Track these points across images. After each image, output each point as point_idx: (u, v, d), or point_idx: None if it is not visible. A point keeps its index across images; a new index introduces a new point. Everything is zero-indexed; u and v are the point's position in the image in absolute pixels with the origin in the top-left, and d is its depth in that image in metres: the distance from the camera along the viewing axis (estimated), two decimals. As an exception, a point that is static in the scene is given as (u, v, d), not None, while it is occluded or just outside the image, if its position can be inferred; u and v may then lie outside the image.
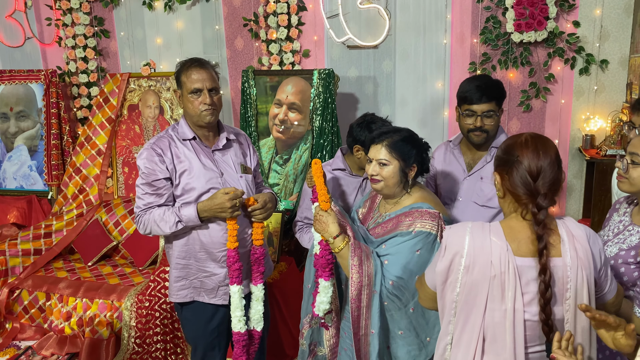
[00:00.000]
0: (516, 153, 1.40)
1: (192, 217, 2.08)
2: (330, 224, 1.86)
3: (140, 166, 2.12)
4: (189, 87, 2.10)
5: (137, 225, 2.17)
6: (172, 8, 4.10)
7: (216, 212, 2.06)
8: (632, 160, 1.68)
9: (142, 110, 3.93)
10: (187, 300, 2.25)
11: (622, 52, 3.27)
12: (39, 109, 4.21)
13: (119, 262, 3.66)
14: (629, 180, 1.69)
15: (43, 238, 3.74)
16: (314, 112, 3.44)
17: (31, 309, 3.37)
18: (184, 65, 2.14)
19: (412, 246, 1.77)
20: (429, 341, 1.86)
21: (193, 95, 2.10)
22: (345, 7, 3.66)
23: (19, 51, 4.58)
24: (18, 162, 4.31)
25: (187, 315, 2.29)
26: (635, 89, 3.06)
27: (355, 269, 1.76)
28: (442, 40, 3.58)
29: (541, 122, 3.49)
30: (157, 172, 2.10)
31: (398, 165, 1.85)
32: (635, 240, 1.68)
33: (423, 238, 1.77)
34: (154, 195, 2.12)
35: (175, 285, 2.24)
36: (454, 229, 1.46)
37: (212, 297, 2.24)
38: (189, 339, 2.35)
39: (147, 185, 2.11)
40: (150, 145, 2.14)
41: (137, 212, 2.15)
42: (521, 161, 1.39)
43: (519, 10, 3.27)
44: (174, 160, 2.13)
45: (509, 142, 1.46)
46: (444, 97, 3.65)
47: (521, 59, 3.40)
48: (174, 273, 2.23)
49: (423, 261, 1.78)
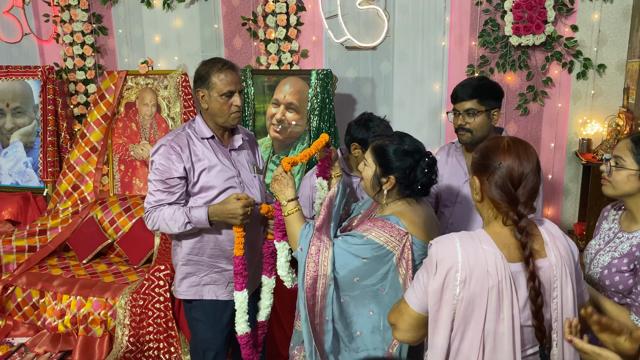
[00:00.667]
0: (498, 159, 1.36)
1: (202, 220, 2.06)
2: (289, 187, 1.86)
3: (155, 161, 2.10)
4: (220, 89, 2.09)
5: (145, 220, 2.16)
6: (170, 6, 4.09)
7: (227, 217, 2.05)
8: (615, 163, 1.67)
9: (139, 108, 3.92)
10: (196, 297, 2.23)
11: (619, 56, 3.28)
12: (36, 105, 4.20)
13: (113, 260, 3.65)
14: (612, 184, 1.69)
15: (38, 235, 3.73)
16: (312, 113, 3.44)
17: (24, 306, 3.35)
18: (214, 66, 2.11)
19: (358, 251, 1.70)
20: (359, 335, 1.81)
21: (224, 97, 2.10)
22: (344, 7, 3.66)
23: (16, 47, 4.56)
24: (14, 158, 4.29)
25: (196, 316, 2.26)
26: (632, 94, 3.06)
27: (312, 258, 1.72)
28: (440, 43, 3.58)
29: (538, 125, 3.50)
30: (173, 170, 2.08)
31: (374, 170, 1.78)
32: (627, 247, 1.67)
33: (373, 249, 1.69)
34: (165, 193, 2.10)
35: (184, 281, 2.22)
36: (441, 243, 1.38)
37: (222, 293, 2.23)
38: (198, 343, 2.28)
39: (160, 182, 2.09)
40: (169, 142, 2.10)
41: (147, 207, 2.13)
42: (502, 168, 1.35)
43: (518, 14, 3.28)
44: (192, 158, 2.12)
45: (488, 145, 1.41)
46: (441, 99, 3.65)
47: (519, 62, 3.41)
48: (183, 269, 2.21)
49: (366, 270, 1.71)
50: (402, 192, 1.78)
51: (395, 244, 1.69)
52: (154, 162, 2.11)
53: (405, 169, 1.74)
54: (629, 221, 1.72)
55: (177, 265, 2.25)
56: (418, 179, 1.75)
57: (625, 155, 1.65)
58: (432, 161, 1.79)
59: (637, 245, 1.64)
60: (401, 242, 1.69)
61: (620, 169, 1.66)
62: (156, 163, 2.09)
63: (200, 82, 2.13)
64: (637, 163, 1.63)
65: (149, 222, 2.14)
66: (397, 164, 1.74)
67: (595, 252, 1.78)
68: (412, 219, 1.73)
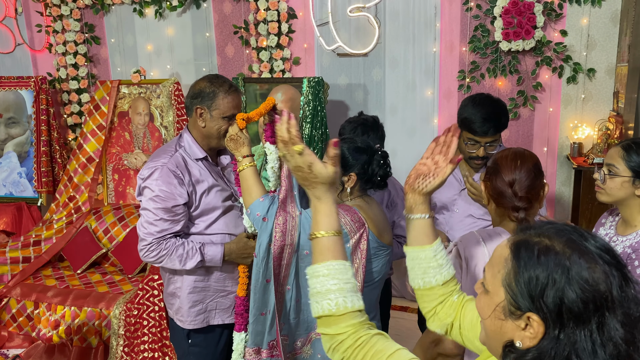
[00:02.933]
0: (498, 163, 1.52)
1: (215, 259, 2.00)
2: (244, 145, 1.89)
3: (153, 188, 1.93)
4: (224, 111, 1.96)
5: (146, 252, 1.98)
6: (162, 15, 4.10)
7: (240, 256, 2.02)
8: (609, 171, 1.71)
9: (132, 118, 3.93)
10: (204, 325, 2.12)
11: (608, 61, 3.30)
12: (29, 115, 4.20)
13: (108, 269, 3.65)
14: (606, 191, 1.73)
15: (32, 246, 3.73)
16: (304, 120, 3.45)
17: (19, 317, 3.35)
18: (221, 86, 1.98)
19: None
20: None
21: (225, 119, 1.97)
22: (335, 15, 3.68)
23: (9, 57, 4.57)
24: (7, 168, 4.29)
25: (197, 342, 2.15)
26: (621, 98, 3.08)
27: (280, 227, 1.75)
28: (431, 49, 3.60)
29: (529, 130, 3.52)
30: (177, 196, 1.94)
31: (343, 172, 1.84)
32: (620, 249, 1.71)
33: None
34: (169, 222, 1.96)
35: (191, 311, 2.09)
36: (466, 241, 1.46)
37: (228, 317, 2.14)
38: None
39: (164, 210, 1.94)
40: (165, 166, 1.95)
41: (149, 239, 1.95)
42: (500, 170, 1.51)
43: (507, 19, 3.30)
44: (192, 180, 2.00)
45: (496, 156, 1.57)
46: (433, 105, 3.67)
47: (509, 68, 3.43)
48: (190, 298, 2.08)
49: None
50: (362, 187, 1.86)
51: (354, 230, 1.75)
52: (149, 188, 1.94)
53: (362, 164, 1.83)
54: (624, 226, 1.77)
55: (175, 294, 2.11)
56: (376, 172, 1.84)
57: (618, 162, 1.69)
58: (385, 154, 1.89)
59: (629, 246, 1.69)
60: (359, 230, 1.76)
61: (614, 177, 1.70)
62: (155, 190, 1.93)
63: (202, 99, 1.98)
64: (630, 169, 1.67)
65: (150, 255, 1.97)
66: (354, 161, 1.82)
67: None
68: (369, 213, 1.81)
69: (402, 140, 3.76)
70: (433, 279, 1.24)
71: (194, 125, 2.04)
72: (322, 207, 1.13)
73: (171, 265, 1.99)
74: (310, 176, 1.12)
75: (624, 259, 1.68)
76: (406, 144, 3.75)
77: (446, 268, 1.25)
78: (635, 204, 1.70)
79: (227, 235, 2.09)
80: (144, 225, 1.97)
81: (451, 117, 3.62)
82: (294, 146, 1.12)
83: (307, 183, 1.14)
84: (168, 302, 2.18)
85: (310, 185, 1.13)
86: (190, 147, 2.04)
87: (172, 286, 2.12)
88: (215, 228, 2.07)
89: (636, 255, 1.66)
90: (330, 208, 1.13)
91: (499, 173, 1.50)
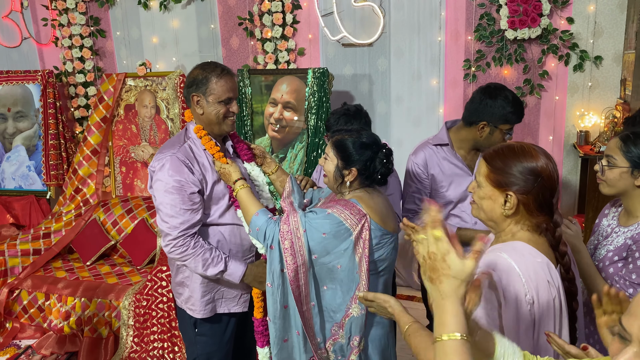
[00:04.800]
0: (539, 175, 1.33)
1: (236, 275, 2.02)
2: (232, 172, 1.96)
3: (166, 180, 1.92)
4: (219, 95, 1.97)
5: (172, 248, 1.96)
6: (167, 7, 4.11)
7: (257, 279, 2.03)
8: (607, 162, 1.72)
9: (139, 110, 3.95)
10: (211, 314, 2.14)
11: (615, 48, 3.27)
12: (37, 109, 4.23)
13: (117, 261, 3.69)
14: (607, 182, 1.73)
15: (42, 238, 3.77)
16: (309, 111, 3.46)
17: (30, 308, 3.40)
18: (212, 71, 1.99)
19: (318, 226, 1.77)
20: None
21: (222, 103, 1.98)
22: (339, 5, 3.67)
23: (16, 51, 4.59)
24: (16, 162, 4.33)
25: (203, 331, 2.17)
26: (628, 85, 3.06)
27: (288, 251, 1.77)
28: (436, 38, 3.58)
29: (536, 118, 3.50)
30: (191, 184, 1.94)
31: (336, 163, 1.86)
32: (622, 240, 1.72)
33: (333, 224, 1.76)
34: (189, 212, 1.94)
35: (201, 300, 2.10)
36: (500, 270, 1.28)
37: (234, 306, 2.16)
38: (200, 357, 2.21)
39: (181, 200, 1.92)
40: (174, 155, 1.95)
41: (174, 233, 1.93)
42: (544, 183, 1.32)
43: (513, 7, 3.27)
44: (202, 169, 2.00)
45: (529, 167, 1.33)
46: (439, 94, 3.66)
47: (515, 56, 3.41)
48: (200, 288, 2.09)
49: (324, 247, 1.78)
50: (362, 182, 1.87)
51: (355, 222, 1.77)
52: (161, 181, 1.93)
53: (365, 160, 1.83)
54: (626, 217, 1.77)
55: (184, 283, 2.13)
56: (377, 169, 1.85)
57: (616, 153, 1.70)
58: (389, 152, 1.89)
59: (631, 237, 1.70)
60: (360, 221, 1.77)
61: (612, 168, 1.70)
62: (169, 181, 1.92)
63: (196, 86, 2.00)
64: (628, 160, 1.67)
65: (176, 252, 1.96)
66: (357, 156, 1.83)
67: (594, 247, 1.83)
68: (369, 203, 1.82)
69: (408, 130, 3.76)
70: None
71: (195, 114, 2.06)
72: (449, 307, 0.96)
73: (193, 266, 1.98)
74: (443, 266, 0.96)
75: (625, 251, 1.68)
76: (412, 133, 3.74)
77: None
78: (636, 195, 1.70)
79: (235, 226, 2.10)
80: (165, 220, 1.95)
81: (457, 107, 3.61)
82: (433, 230, 0.97)
83: (435, 276, 0.97)
84: (176, 292, 2.20)
85: (438, 278, 0.97)
86: (196, 138, 2.05)
87: (180, 275, 2.14)
88: (227, 218, 2.08)
89: (637, 247, 1.66)
90: (458, 308, 0.96)
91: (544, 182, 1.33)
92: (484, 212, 1.39)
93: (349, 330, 1.85)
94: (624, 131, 1.77)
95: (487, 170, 1.37)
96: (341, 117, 2.39)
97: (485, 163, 1.38)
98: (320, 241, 1.77)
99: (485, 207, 1.38)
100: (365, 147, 1.84)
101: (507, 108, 2.18)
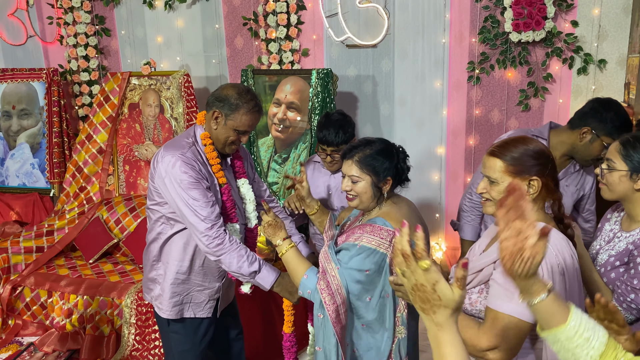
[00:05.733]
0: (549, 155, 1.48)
1: (268, 280, 1.97)
2: (282, 229, 1.91)
3: (182, 177, 1.92)
4: (239, 126, 1.99)
5: (209, 240, 1.93)
6: (172, 7, 4.12)
7: (287, 289, 1.97)
8: (607, 166, 1.72)
9: (143, 109, 3.96)
10: (178, 317, 2.16)
11: (620, 51, 3.27)
12: (41, 107, 4.25)
13: (119, 259, 3.70)
14: (607, 187, 1.74)
15: (45, 236, 3.79)
16: (313, 112, 3.46)
17: (33, 305, 3.41)
18: (247, 103, 1.99)
19: (360, 264, 1.71)
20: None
21: (236, 132, 2.00)
22: (344, 6, 3.67)
23: (21, 49, 4.61)
24: (20, 159, 4.35)
25: (175, 329, 2.20)
26: (632, 89, 3.06)
27: (326, 291, 1.72)
28: (440, 40, 3.58)
29: (539, 121, 3.50)
30: (203, 180, 1.97)
31: (370, 181, 1.79)
32: (623, 245, 1.71)
33: (369, 256, 1.71)
34: (211, 203, 1.95)
35: (170, 301, 2.13)
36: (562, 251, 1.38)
37: (200, 311, 2.18)
38: (175, 354, 2.24)
39: (201, 193, 1.93)
40: (184, 154, 1.96)
41: (208, 224, 1.91)
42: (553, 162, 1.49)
43: (517, 10, 3.27)
44: (206, 173, 2.02)
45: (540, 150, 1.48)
46: (442, 96, 3.66)
47: (519, 59, 3.41)
48: (170, 289, 2.11)
49: (372, 279, 1.72)
50: (392, 188, 1.84)
51: (386, 245, 1.72)
52: (176, 179, 1.92)
53: (394, 166, 1.81)
54: (628, 222, 1.77)
55: (156, 280, 2.16)
56: (405, 168, 1.85)
57: (615, 157, 1.70)
58: (404, 149, 1.90)
59: (632, 242, 1.69)
60: (392, 242, 1.71)
61: (612, 171, 1.71)
62: (184, 178, 1.92)
63: (223, 105, 1.99)
64: (627, 164, 1.68)
65: (213, 244, 1.92)
66: (388, 164, 1.80)
67: (596, 252, 1.83)
68: (397, 217, 1.77)
69: (411, 132, 3.76)
70: (587, 356, 1.05)
71: (207, 124, 2.07)
72: (446, 337, 0.95)
73: (228, 262, 1.94)
74: (433, 297, 0.94)
75: (627, 256, 1.68)
76: (415, 135, 3.75)
77: (596, 339, 1.05)
78: (637, 199, 1.70)
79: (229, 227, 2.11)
80: (197, 213, 1.91)
81: (460, 109, 3.62)
82: (421, 261, 0.95)
83: (427, 306, 0.96)
84: (147, 287, 2.22)
85: (431, 309, 0.96)
86: (202, 145, 2.06)
87: (154, 272, 2.16)
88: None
89: (638, 252, 1.65)
90: (456, 338, 0.95)
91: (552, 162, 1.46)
92: None
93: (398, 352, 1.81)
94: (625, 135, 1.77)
95: (503, 165, 1.46)
96: (339, 130, 2.42)
97: (499, 159, 1.47)
98: (365, 279, 1.72)
99: None
100: (388, 153, 1.81)
101: (616, 123, 2.13)
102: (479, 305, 1.45)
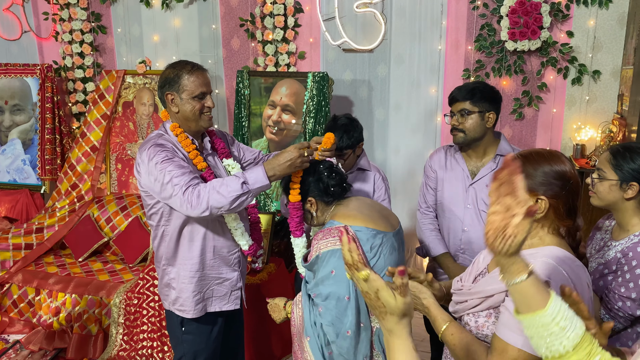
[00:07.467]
0: (569, 179, 1.33)
1: (259, 178, 1.88)
2: (278, 302, 1.97)
3: (156, 159, 1.91)
4: (192, 91, 1.99)
5: (183, 202, 1.87)
6: (169, 6, 4.11)
7: (285, 167, 1.88)
8: (598, 175, 1.75)
9: (137, 108, 3.94)
10: (202, 313, 2.14)
11: (614, 63, 3.30)
12: (34, 103, 4.22)
13: (109, 258, 3.67)
14: (597, 195, 1.77)
15: (34, 233, 3.75)
16: (308, 115, 3.46)
17: (20, 303, 3.38)
18: (183, 68, 2.01)
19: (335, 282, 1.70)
20: None
21: (196, 99, 2.00)
22: (341, 10, 3.68)
23: (15, 44, 4.58)
24: (12, 155, 4.31)
25: (190, 330, 2.17)
26: (626, 101, 3.08)
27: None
28: (436, 46, 3.59)
29: (533, 130, 3.52)
30: (175, 158, 1.94)
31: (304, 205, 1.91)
32: (612, 254, 1.74)
33: (330, 258, 1.71)
34: (187, 173, 1.90)
35: (193, 300, 2.11)
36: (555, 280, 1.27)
37: (225, 304, 2.17)
38: (187, 354, 2.20)
39: (178, 166, 1.90)
40: (155, 142, 1.97)
41: (184, 188, 1.86)
42: (573, 188, 1.33)
43: (514, 19, 3.29)
44: (185, 159, 2.01)
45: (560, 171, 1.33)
46: (437, 103, 3.67)
47: (515, 67, 3.42)
48: (189, 288, 2.10)
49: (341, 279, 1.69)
50: (325, 202, 1.86)
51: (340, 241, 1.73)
52: (154, 160, 1.92)
53: (314, 184, 1.86)
54: (618, 231, 1.79)
55: (170, 285, 2.13)
56: (330, 184, 1.85)
57: (606, 167, 1.74)
58: (329, 163, 1.90)
59: (621, 251, 1.72)
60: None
61: (602, 180, 1.74)
62: (157, 158, 1.91)
63: (169, 85, 2.01)
64: (616, 173, 1.71)
65: (193, 200, 1.85)
66: (306, 187, 1.87)
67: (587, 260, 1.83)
68: (345, 213, 1.80)
69: (405, 137, 3.77)
70: (560, 346, 1.02)
71: (171, 114, 2.07)
72: (397, 343, 0.97)
73: (217, 198, 1.85)
74: (378, 304, 0.99)
75: (615, 264, 1.69)
76: (409, 141, 3.75)
77: (572, 330, 1.02)
78: (626, 208, 1.73)
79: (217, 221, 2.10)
80: (173, 181, 1.88)
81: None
82: (358, 273, 1.00)
83: (377, 312, 1.01)
84: (163, 294, 2.19)
85: (380, 315, 1.00)
86: (173, 135, 2.04)
87: (166, 277, 2.14)
88: None
89: (626, 260, 1.68)
90: (406, 343, 0.97)
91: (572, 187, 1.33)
92: None
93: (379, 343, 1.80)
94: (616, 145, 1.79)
95: None
96: (344, 135, 2.37)
97: None
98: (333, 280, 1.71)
99: None
100: (304, 174, 1.89)
101: None
102: (485, 329, 1.36)
